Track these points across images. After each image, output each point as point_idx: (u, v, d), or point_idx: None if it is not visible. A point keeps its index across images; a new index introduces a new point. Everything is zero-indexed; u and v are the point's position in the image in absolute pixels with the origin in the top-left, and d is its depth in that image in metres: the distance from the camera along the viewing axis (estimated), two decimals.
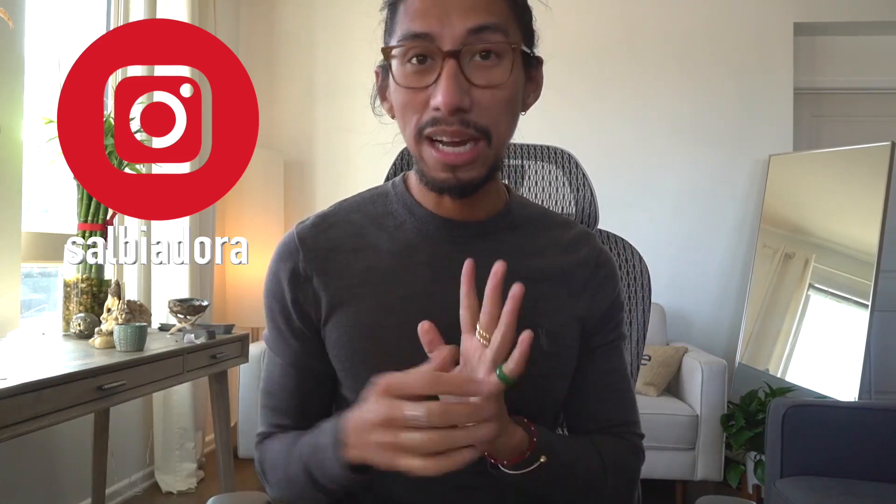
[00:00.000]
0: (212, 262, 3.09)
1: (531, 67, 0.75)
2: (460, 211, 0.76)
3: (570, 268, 0.80)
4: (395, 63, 0.70)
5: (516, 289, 0.63)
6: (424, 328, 0.65)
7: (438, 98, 0.67)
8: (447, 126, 0.68)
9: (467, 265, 0.66)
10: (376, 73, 0.78)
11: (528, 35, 0.74)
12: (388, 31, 0.73)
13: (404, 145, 1.03)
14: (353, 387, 0.75)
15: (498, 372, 0.62)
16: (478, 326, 0.66)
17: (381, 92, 0.78)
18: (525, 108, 0.76)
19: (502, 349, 0.63)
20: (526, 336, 0.61)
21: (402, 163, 1.02)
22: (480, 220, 0.78)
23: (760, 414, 2.60)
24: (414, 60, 0.69)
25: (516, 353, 0.62)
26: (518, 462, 0.68)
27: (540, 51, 0.77)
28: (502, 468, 0.68)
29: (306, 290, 0.76)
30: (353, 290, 0.75)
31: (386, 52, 0.71)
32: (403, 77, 0.70)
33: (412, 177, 0.80)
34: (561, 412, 0.87)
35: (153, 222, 2.71)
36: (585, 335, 0.81)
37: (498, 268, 0.64)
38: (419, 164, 0.73)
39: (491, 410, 0.60)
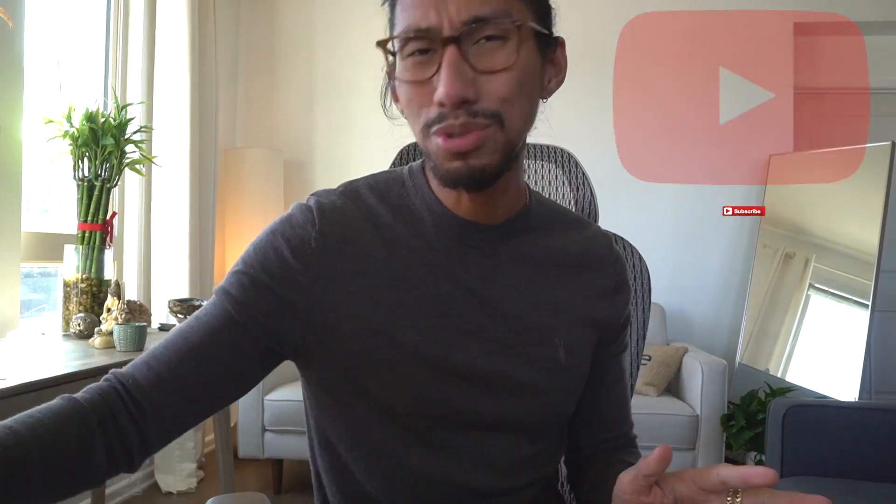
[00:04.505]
0: (212, 262, 3.10)
1: (547, 48, 0.69)
2: (479, 211, 0.72)
3: (587, 273, 0.79)
4: (397, 59, 0.66)
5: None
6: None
7: (441, 90, 0.61)
8: (454, 120, 0.62)
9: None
10: (387, 74, 0.73)
11: (542, 14, 0.68)
12: (391, 27, 0.69)
13: (403, 145, 1.04)
14: (358, 385, 0.70)
15: None
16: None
17: (393, 92, 0.72)
18: (547, 93, 0.71)
19: None
20: None
21: (402, 162, 1.02)
22: (499, 223, 0.74)
23: (760, 414, 2.60)
24: (415, 54, 0.64)
25: None
26: None
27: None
28: None
29: (310, 266, 0.69)
30: (370, 281, 0.70)
31: (382, 45, 0.66)
32: (404, 71, 0.65)
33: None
34: (566, 427, 0.85)
35: (153, 222, 2.71)
36: (602, 343, 0.80)
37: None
38: (429, 159, 0.68)
39: None
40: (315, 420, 0.77)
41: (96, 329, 1.81)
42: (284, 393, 2.70)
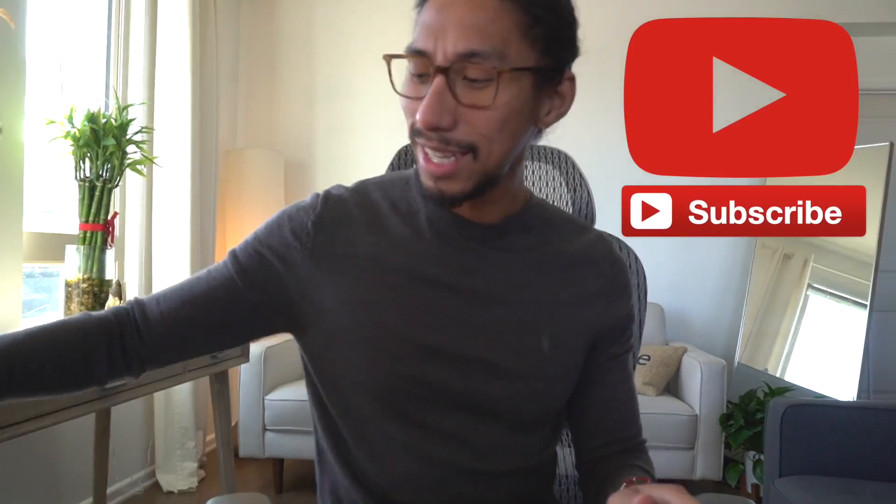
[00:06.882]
0: (212, 263, 3.10)
1: (548, 83, 0.71)
2: (473, 213, 0.76)
3: (583, 273, 0.80)
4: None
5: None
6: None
7: (418, 115, 0.67)
8: (427, 140, 0.68)
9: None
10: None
11: (549, 49, 0.69)
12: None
13: (403, 145, 1.05)
14: (342, 356, 0.75)
15: None
16: None
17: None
18: (544, 123, 0.74)
19: None
20: None
21: (400, 162, 1.03)
22: (493, 223, 0.77)
23: (759, 413, 2.61)
24: (413, 71, 0.70)
25: None
26: None
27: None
28: None
29: (305, 244, 0.76)
30: (357, 262, 0.75)
31: (387, 60, 0.70)
32: (404, 83, 0.71)
33: None
34: (561, 422, 0.86)
35: (154, 223, 2.72)
36: (600, 346, 0.82)
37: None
38: (416, 165, 0.73)
39: None
40: (312, 388, 0.82)
41: None
42: (285, 393, 2.71)
